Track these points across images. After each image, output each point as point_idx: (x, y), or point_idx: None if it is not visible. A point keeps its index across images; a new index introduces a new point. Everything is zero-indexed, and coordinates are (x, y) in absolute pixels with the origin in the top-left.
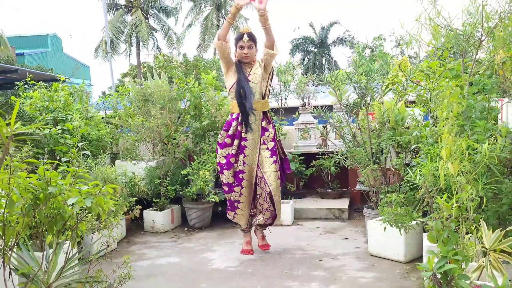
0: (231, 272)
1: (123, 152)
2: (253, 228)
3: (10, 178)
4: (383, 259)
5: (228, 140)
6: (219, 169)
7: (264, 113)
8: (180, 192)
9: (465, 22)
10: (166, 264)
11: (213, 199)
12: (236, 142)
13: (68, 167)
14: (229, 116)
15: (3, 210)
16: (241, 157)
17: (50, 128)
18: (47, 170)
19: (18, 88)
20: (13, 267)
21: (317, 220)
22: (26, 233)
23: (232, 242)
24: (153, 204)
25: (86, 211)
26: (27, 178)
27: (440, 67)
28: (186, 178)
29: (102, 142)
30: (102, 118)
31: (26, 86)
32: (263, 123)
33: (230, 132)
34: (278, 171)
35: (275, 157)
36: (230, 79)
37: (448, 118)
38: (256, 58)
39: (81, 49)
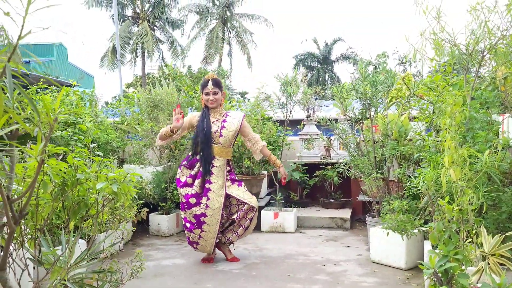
0: (235, 274)
1: (130, 157)
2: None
3: (44, 162)
4: (385, 266)
5: (189, 180)
6: (181, 207)
7: (227, 160)
8: None
9: (469, 37)
10: (171, 265)
11: None
12: (197, 182)
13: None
14: (192, 154)
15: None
16: (204, 199)
17: (62, 130)
18: (76, 158)
19: (30, 92)
20: (32, 257)
21: (320, 229)
22: (53, 217)
23: (236, 247)
24: (159, 208)
25: (107, 201)
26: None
27: (443, 81)
28: None
29: (111, 147)
30: (110, 124)
31: (38, 90)
32: (227, 169)
33: (193, 172)
34: (248, 191)
35: (237, 183)
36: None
37: (451, 126)
38: (236, 112)
39: (85, 58)
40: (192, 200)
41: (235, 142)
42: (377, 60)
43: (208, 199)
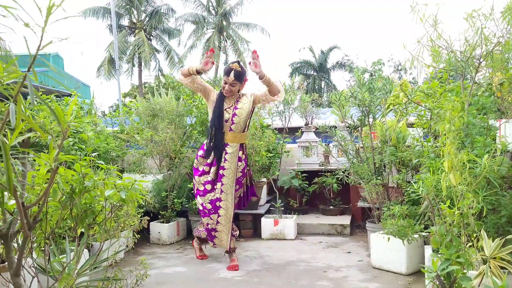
0: (237, 281)
1: (130, 166)
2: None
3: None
4: (386, 271)
5: (206, 168)
6: (195, 194)
7: (241, 144)
8: (186, 205)
9: (465, 44)
10: (173, 273)
11: None
12: (213, 169)
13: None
14: (209, 141)
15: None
16: (218, 185)
17: None
18: (83, 166)
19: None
20: (38, 266)
21: (320, 235)
22: (61, 225)
23: (238, 255)
24: (159, 216)
25: (114, 208)
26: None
27: (440, 88)
28: (192, 192)
29: (110, 156)
30: (110, 133)
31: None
32: (239, 153)
33: (208, 161)
34: (236, 199)
35: (237, 186)
36: (210, 109)
37: (450, 132)
38: (247, 92)
39: (82, 68)
40: (208, 187)
41: None
42: (372, 68)
43: (222, 184)
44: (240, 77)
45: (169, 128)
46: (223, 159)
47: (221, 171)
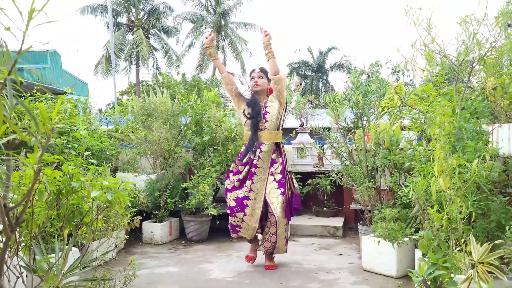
0: (228, 282)
1: (124, 165)
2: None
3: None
4: (376, 274)
5: (241, 168)
6: (225, 195)
7: (277, 144)
8: (180, 205)
9: (458, 48)
10: (165, 273)
11: (211, 212)
12: (246, 168)
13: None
14: (243, 147)
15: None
16: (248, 182)
17: (56, 138)
18: (71, 167)
19: (24, 99)
20: (25, 265)
21: (312, 237)
22: (48, 225)
23: (229, 255)
24: (152, 216)
25: (101, 209)
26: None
27: (434, 91)
28: (185, 192)
29: (104, 155)
30: (104, 132)
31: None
32: (273, 156)
33: (244, 161)
34: (285, 204)
35: (282, 189)
36: (241, 116)
37: (440, 136)
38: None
39: (80, 65)
40: (237, 184)
41: (229, 150)
42: (370, 69)
43: (252, 182)
44: (264, 70)
45: (164, 128)
46: (256, 157)
47: (253, 169)
